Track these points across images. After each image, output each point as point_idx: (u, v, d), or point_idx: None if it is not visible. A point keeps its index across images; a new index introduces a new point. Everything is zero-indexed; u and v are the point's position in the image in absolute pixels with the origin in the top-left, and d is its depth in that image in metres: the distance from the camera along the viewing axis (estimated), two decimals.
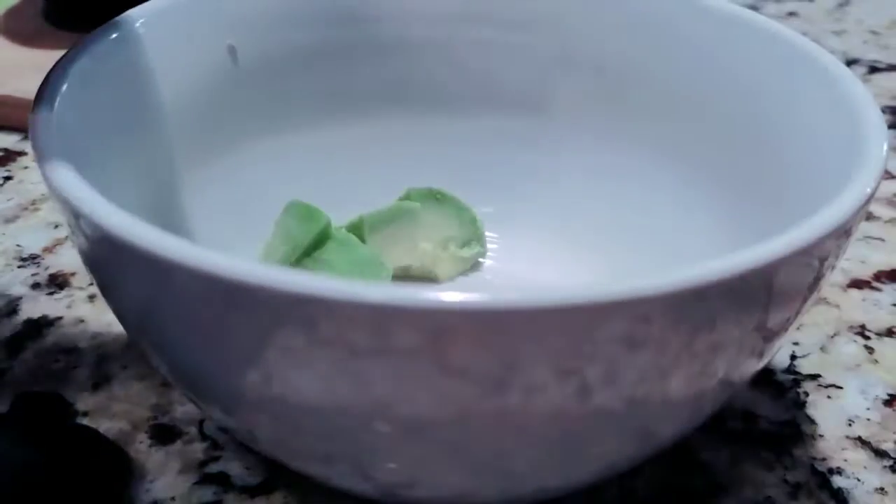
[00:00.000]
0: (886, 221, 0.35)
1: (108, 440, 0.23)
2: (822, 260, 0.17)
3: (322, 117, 0.29)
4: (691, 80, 0.26)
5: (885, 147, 0.19)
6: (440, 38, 0.29)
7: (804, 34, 0.24)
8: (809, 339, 0.29)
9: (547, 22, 0.29)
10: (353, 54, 0.29)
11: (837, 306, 0.30)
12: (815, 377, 0.27)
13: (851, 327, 0.29)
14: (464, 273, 0.30)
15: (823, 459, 0.24)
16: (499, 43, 0.29)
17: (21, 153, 0.37)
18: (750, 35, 0.25)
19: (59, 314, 0.29)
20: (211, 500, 0.23)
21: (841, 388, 0.27)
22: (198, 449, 0.24)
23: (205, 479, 0.23)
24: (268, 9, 0.27)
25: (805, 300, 0.18)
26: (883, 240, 0.34)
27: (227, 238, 0.26)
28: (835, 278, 0.31)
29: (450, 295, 0.14)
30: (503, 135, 0.30)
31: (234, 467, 0.24)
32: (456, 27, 0.29)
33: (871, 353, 0.28)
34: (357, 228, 0.27)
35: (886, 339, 0.29)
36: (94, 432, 0.23)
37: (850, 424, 0.26)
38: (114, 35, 0.23)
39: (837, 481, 0.24)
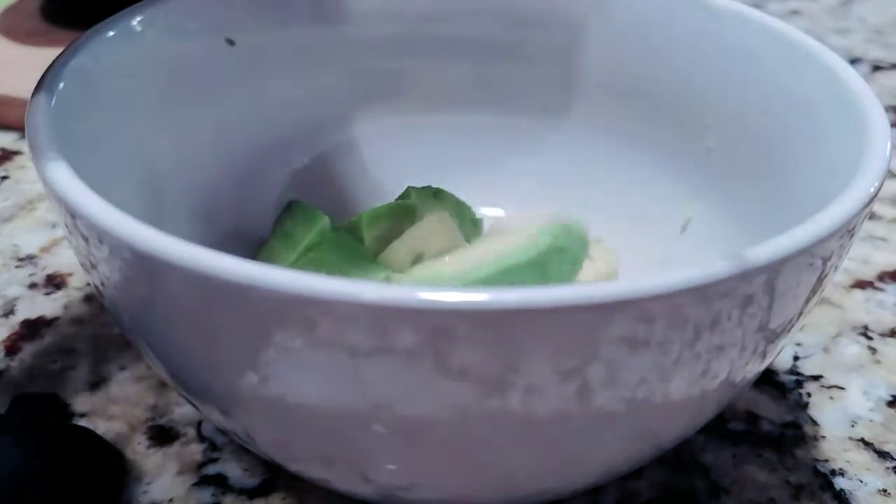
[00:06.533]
0: (890, 221, 0.34)
1: (105, 441, 0.23)
2: (826, 260, 0.17)
3: (320, 116, 0.29)
4: (695, 78, 0.26)
5: (889, 146, 0.19)
6: (441, 36, 0.29)
7: (807, 32, 0.24)
8: (812, 340, 0.28)
9: (551, 21, 0.28)
10: (353, 53, 0.29)
11: (840, 307, 0.30)
12: (817, 378, 0.27)
13: (854, 328, 0.29)
14: None
15: (826, 461, 0.24)
16: (501, 41, 0.29)
17: (18, 152, 0.37)
18: (753, 33, 0.25)
19: (56, 314, 0.28)
20: (209, 501, 0.23)
21: (843, 388, 0.27)
22: (196, 450, 0.24)
23: (203, 481, 0.23)
24: (266, 7, 0.27)
25: (808, 300, 0.18)
26: (886, 239, 0.33)
27: (225, 237, 0.26)
28: (838, 278, 0.31)
29: (449, 294, 0.14)
30: (504, 134, 0.30)
31: (233, 469, 0.23)
32: (457, 25, 0.29)
33: (873, 353, 0.28)
34: (356, 228, 0.27)
35: (889, 340, 0.29)
36: (92, 433, 0.23)
37: (852, 425, 0.25)
38: (110, 33, 0.23)
39: (840, 483, 0.24)
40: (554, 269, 0.25)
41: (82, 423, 0.25)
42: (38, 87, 0.20)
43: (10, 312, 0.29)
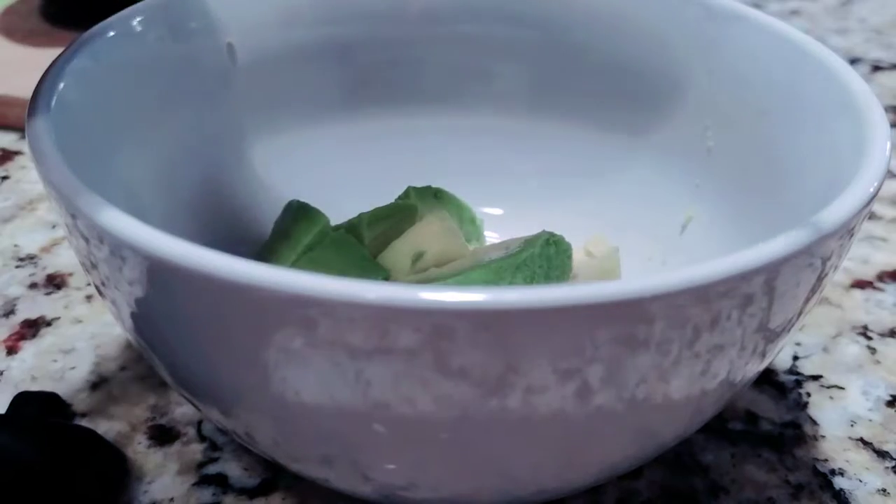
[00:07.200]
0: (889, 221, 0.34)
1: (106, 441, 0.23)
2: (825, 260, 0.17)
3: (321, 116, 0.29)
4: (694, 78, 0.26)
5: (888, 146, 0.19)
6: (441, 36, 0.29)
7: (807, 33, 0.24)
8: (812, 340, 0.28)
9: (550, 20, 0.28)
10: (353, 53, 0.29)
11: (840, 306, 0.30)
12: (817, 378, 0.27)
13: (854, 328, 0.29)
14: None
15: (825, 460, 0.24)
16: (500, 40, 0.29)
17: (18, 152, 0.37)
18: (753, 33, 0.25)
19: (56, 314, 0.28)
20: (209, 501, 0.23)
21: (843, 388, 0.27)
22: (196, 450, 0.24)
23: (203, 481, 0.23)
24: (266, 7, 0.27)
25: (808, 300, 0.18)
26: (885, 239, 0.33)
27: (225, 237, 0.26)
28: (837, 278, 0.31)
29: (449, 294, 0.14)
30: (504, 134, 0.30)
31: (233, 468, 0.23)
32: (457, 25, 0.29)
33: (873, 353, 0.28)
34: (355, 228, 0.27)
35: (889, 340, 0.29)
36: (93, 433, 0.23)
37: (852, 425, 0.25)
38: (110, 33, 0.23)
39: (839, 482, 0.24)
40: (541, 276, 0.25)
41: (83, 422, 0.25)
42: (38, 87, 0.20)
43: (10, 312, 0.29)
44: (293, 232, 0.26)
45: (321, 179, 0.29)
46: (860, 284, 0.31)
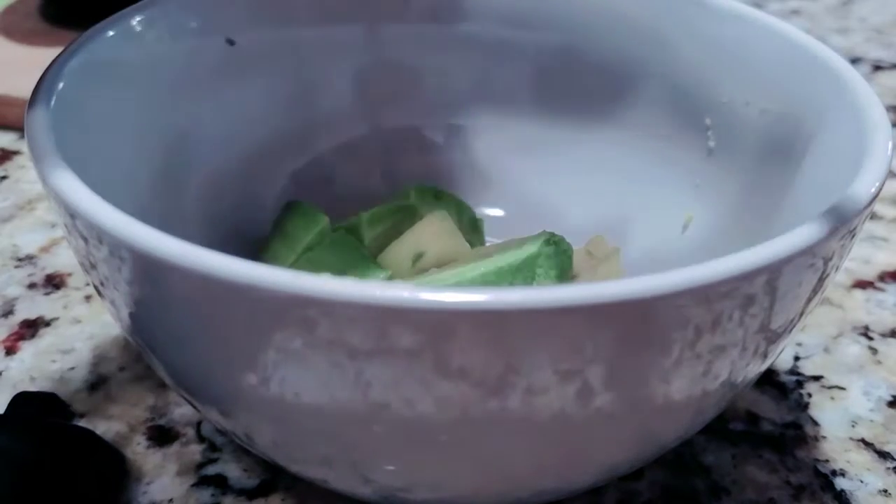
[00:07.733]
0: (890, 221, 0.34)
1: (105, 442, 0.23)
2: (827, 260, 0.17)
3: (321, 116, 0.29)
4: (695, 78, 0.26)
5: (890, 146, 0.19)
6: (441, 36, 0.29)
7: (807, 32, 0.24)
8: (813, 340, 0.28)
9: (550, 20, 0.28)
10: (353, 53, 0.29)
11: (841, 307, 0.30)
12: (818, 378, 0.27)
13: (855, 328, 0.29)
14: None
15: (826, 461, 0.24)
16: (501, 41, 0.29)
17: (17, 152, 0.37)
18: (753, 33, 0.25)
19: (55, 315, 0.28)
20: (208, 502, 0.23)
21: (844, 389, 0.27)
22: (195, 451, 0.24)
23: (202, 482, 0.23)
24: (265, 6, 0.27)
25: (809, 301, 0.18)
26: (886, 240, 0.33)
27: (225, 237, 0.26)
28: (838, 278, 0.31)
29: (450, 295, 0.14)
30: (505, 134, 0.30)
31: (232, 469, 0.23)
32: (457, 25, 0.29)
33: (874, 353, 0.28)
34: (356, 228, 0.27)
35: (890, 340, 0.28)
36: (91, 434, 0.23)
37: (853, 426, 0.25)
38: (110, 33, 0.23)
39: (840, 483, 0.24)
40: (541, 276, 0.25)
41: (82, 423, 0.25)
42: (38, 87, 0.20)
43: (9, 312, 0.29)
44: (293, 232, 0.26)
45: (321, 179, 0.29)
46: (861, 285, 0.31)
